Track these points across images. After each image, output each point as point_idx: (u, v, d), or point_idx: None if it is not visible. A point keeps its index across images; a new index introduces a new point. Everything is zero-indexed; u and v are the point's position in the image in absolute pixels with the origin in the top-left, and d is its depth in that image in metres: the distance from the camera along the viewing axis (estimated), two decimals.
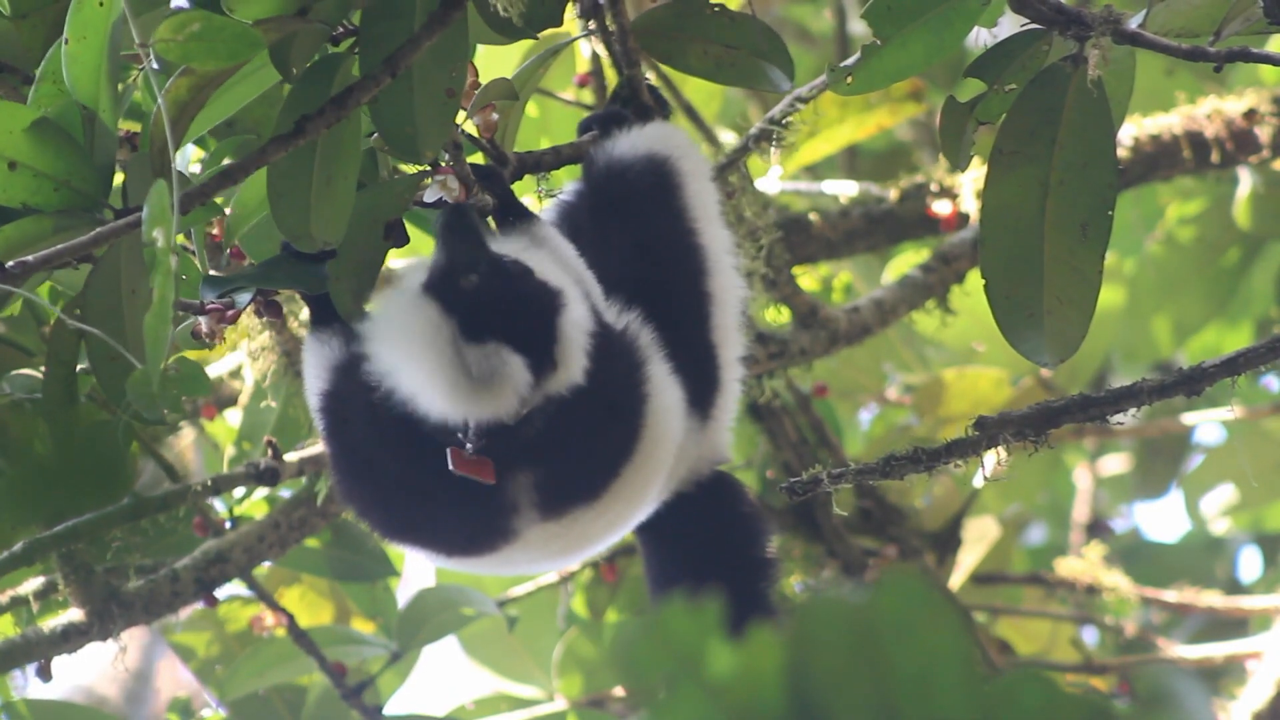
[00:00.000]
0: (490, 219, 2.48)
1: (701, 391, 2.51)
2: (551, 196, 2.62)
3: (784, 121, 2.76)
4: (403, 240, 2.38)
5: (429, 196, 2.38)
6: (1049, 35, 2.14)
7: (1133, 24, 2.10)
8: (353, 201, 2.28)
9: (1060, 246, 2.14)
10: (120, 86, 2.23)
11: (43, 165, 2.20)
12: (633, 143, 2.57)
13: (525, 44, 2.87)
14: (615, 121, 2.63)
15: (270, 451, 3.01)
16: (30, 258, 2.14)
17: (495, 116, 2.44)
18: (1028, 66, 2.16)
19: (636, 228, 2.54)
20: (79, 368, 2.75)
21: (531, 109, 3.55)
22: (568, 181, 2.65)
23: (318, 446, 3.04)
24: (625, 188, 2.55)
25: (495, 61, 2.50)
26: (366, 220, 2.33)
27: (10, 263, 2.11)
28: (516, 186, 2.56)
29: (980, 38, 2.24)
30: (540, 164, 2.57)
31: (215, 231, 2.62)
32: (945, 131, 2.17)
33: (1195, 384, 2.06)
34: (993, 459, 2.08)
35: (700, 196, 2.58)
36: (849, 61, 2.25)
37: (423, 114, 2.28)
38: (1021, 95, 2.15)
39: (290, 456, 3.04)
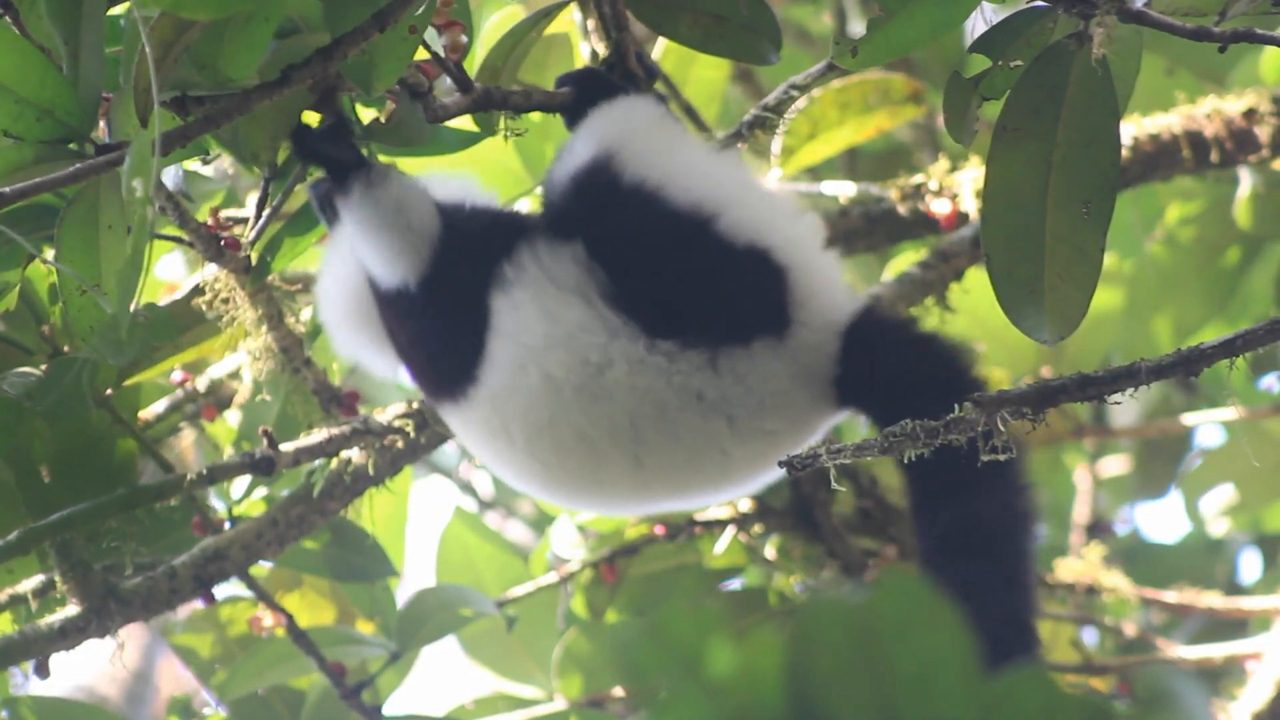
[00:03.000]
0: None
1: (768, 301, 2.47)
2: (519, 135, 2.57)
3: (779, 109, 2.76)
4: (334, 110, 2.40)
5: None
6: (1054, 12, 2.15)
7: (1138, 2, 2.10)
8: (267, 43, 2.18)
9: (1062, 224, 2.14)
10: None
11: (25, 91, 2.16)
12: (565, 164, 2.49)
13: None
14: (590, 81, 2.58)
15: (266, 441, 2.99)
16: (6, 189, 2.12)
17: (464, 39, 2.42)
18: (1032, 43, 2.16)
19: (611, 243, 2.45)
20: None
21: None
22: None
23: (314, 437, 3.03)
24: (573, 220, 2.47)
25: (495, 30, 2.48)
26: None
27: None
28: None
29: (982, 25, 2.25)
30: (507, 102, 2.51)
31: (210, 222, 2.62)
32: (949, 106, 2.17)
33: (1193, 365, 2.05)
34: (993, 457, 2.07)
35: (647, 154, 2.48)
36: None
37: (383, 45, 2.26)
38: (1025, 72, 2.15)
39: (286, 446, 3.01)
